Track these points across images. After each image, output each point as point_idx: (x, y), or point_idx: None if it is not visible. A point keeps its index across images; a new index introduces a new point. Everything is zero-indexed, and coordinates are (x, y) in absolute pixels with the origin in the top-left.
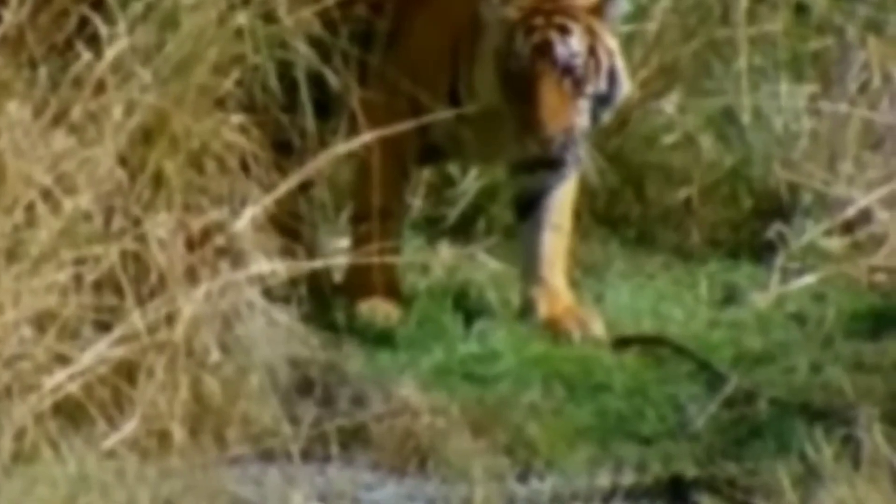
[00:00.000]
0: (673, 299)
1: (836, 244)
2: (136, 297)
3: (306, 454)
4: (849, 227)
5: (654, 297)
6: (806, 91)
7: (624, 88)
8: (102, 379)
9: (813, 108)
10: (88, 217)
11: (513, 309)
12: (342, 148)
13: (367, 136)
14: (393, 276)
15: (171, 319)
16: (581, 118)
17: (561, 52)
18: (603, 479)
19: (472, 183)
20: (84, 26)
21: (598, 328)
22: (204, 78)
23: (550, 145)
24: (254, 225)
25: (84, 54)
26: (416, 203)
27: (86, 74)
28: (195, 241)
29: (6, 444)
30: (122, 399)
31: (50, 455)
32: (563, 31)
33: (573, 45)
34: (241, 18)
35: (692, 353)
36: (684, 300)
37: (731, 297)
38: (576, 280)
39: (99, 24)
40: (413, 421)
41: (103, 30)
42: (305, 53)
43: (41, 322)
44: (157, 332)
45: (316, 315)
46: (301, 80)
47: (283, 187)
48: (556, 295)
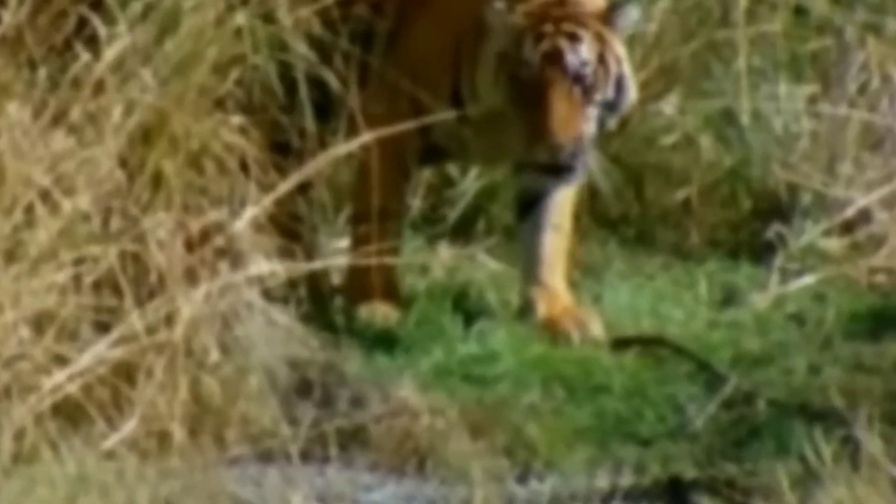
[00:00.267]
0: (672, 300)
1: (835, 245)
2: (135, 298)
3: (305, 455)
4: (848, 227)
5: (654, 297)
6: (805, 92)
7: (631, 95)
8: (102, 379)
9: (812, 108)
10: (87, 217)
11: (512, 309)
12: (342, 149)
13: (366, 137)
14: (392, 278)
15: (170, 320)
16: (590, 125)
17: (571, 60)
18: (602, 480)
19: (471, 183)
20: (83, 27)
21: (597, 329)
22: (203, 78)
23: (560, 153)
24: (253, 226)
25: (83, 55)
26: (416, 203)
27: (85, 75)
28: (194, 242)
29: (6, 444)
30: (121, 399)
31: (49, 455)
32: (573, 38)
33: (583, 54)
34: (241, 19)
35: (691, 353)
36: (683, 301)
37: (730, 297)
38: (575, 280)
39: (98, 24)
40: (412, 422)
41: (102, 30)
42: (305, 54)
43: (40, 322)
44: (157, 332)
45: (315, 316)
46: (301, 81)
47: (283, 188)
48: (556, 296)
